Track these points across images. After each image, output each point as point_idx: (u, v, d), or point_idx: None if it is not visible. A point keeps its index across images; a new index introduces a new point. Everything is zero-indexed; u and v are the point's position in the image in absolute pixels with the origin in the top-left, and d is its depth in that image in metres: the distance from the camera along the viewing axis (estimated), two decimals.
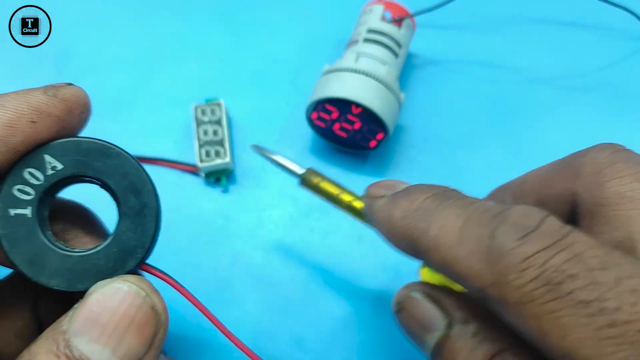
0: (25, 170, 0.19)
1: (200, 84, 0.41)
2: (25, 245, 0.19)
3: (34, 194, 0.19)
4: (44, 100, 0.19)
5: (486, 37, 0.44)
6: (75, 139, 0.20)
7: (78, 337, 0.17)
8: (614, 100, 0.41)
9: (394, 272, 0.34)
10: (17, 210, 0.19)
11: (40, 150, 0.19)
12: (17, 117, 0.18)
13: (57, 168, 0.19)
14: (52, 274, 0.19)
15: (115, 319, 0.18)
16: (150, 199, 0.20)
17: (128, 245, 0.20)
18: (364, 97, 0.34)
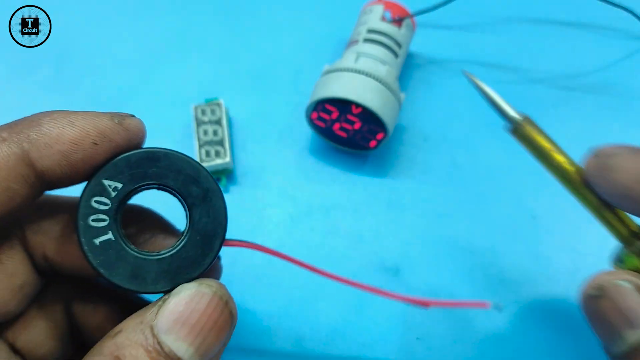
0: (92, 200, 0.20)
1: (200, 84, 0.41)
2: (121, 266, 0.20)
3: (108, 218, 0.20)
4: (109, 126, 0.20)
5: (486, 37, 0.44)
6: (124, 156, 0.21)
7: (166, 335, 0.19)
8: (614, 100, 0.41)
9: (394, 272, 0.34)
10: (100, 239, 0.20)
11: (98, 177, 0.20)
12: (83, 137, 0.20)
13: (118, 188, 0.21)
14: (154, 281, 0.20)
15: (202, 321, 0.19)
16: (209, 182, 0.21)
17: (207, 230, 0.21)
18: (364, 97, 0.34)
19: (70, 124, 0.20)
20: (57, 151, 0.19)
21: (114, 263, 0.20)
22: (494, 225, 0.36)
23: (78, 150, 0.20)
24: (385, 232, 0.35)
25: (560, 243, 0.35)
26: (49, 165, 0.19)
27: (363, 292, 0.34)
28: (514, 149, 0.39)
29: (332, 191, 0.37)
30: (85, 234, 0.20)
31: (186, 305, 0.19)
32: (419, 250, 0.35)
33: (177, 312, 0.19)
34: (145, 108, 0.40)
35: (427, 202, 0.37)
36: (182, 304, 0.19)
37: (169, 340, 0.19)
